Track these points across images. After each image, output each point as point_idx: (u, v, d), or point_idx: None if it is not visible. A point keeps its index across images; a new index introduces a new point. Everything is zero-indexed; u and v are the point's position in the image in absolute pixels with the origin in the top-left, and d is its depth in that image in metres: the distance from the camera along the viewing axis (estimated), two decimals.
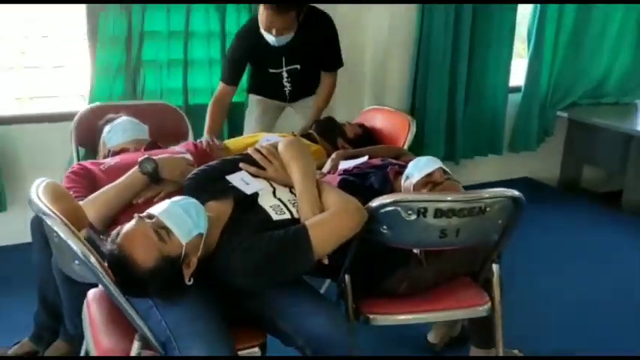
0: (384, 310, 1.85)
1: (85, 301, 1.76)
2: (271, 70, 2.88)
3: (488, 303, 1.91)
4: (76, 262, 1.41)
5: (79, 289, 1.89)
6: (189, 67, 3.24)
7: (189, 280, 1.51)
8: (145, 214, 1.51)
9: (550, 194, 4.41)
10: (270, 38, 2.64)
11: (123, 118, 2.31)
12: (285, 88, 2.95)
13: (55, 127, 3.17)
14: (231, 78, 2.87)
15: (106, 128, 2.29)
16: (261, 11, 2.58)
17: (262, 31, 2.64)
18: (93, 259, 1.36)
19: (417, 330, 2.42)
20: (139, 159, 1.88)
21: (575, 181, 4.61)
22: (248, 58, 2.87)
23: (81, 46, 3.23)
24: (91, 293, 1.78)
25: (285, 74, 2.88)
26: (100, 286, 1.80)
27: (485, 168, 4.28)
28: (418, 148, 3.49)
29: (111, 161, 2.04)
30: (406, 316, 1.87)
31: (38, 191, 1.53)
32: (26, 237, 3.01)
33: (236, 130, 3.30)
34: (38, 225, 2.16)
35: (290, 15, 2.58)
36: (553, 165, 4.64)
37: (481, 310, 1.90)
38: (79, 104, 3.29)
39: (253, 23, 2.73)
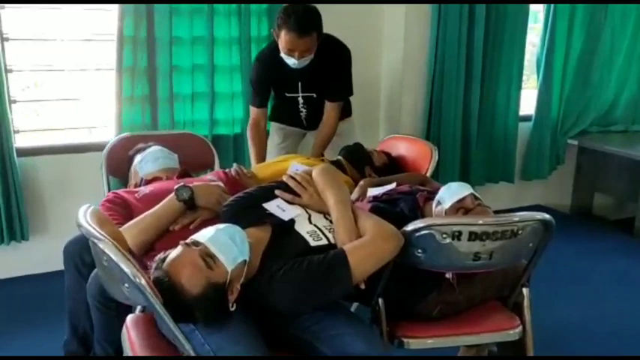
0: (417, 333, 1.87)
1: (124, 327, 1.77)
2: (288, 95, 2.93)
3: (520, 327, 1.93)
4: (126, 284, 1.44)
5: (112, 316, 1.93)
6: (209, 99, 3.34)
7: (233, 306, 1.54)
8: (190, 240, 1.54)
9: (562, 221, 4.32)
10: (290, 61, 2.67)
11: (154, 148, 2.37)
12: (302, 114, 3.01)
13: (75, 158, 3.25)
14: (259, 100, 2.94)
15: (138, 157, 2.34)
16: (283, 35, 2.60)
17: (282, 55, 2.67)
18: (144, 281, 1.39)
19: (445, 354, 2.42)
20: (175, 187, 1.92)
21: (587, 209, 4.65)
22: (267, 80, 2.91)
23: (96, 78, 3.34)
24: (130, 319, 1.79)
25: (301, 100, 2.93)
26: (136, 311, 1.85)
27: (498, 195, 4.32)
28: (433, 175, 3.54)
29: (145, 189, 2.09)
30: (440, 339, 1.89)
31: (86, 216, 1.56)
32: (47, 267, 3.09)
33: (240, 160, 3.34)
34: (72, 252, 2.20)
35: (312, 37, 2.61)
36: (564, 192, 4.69)
37: (512, 334, 1.93)
38: (98, 136, 3.37)
39: (271, 47, 2.82)
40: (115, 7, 3.04)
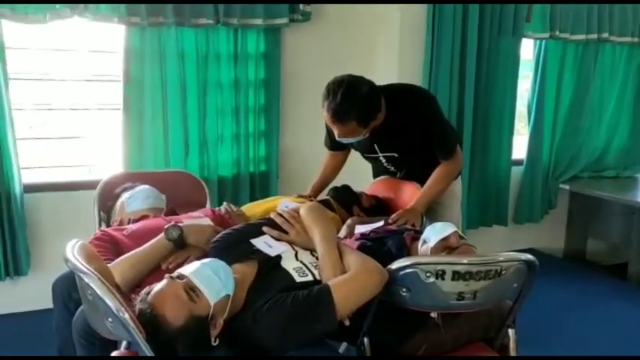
0: None
1: None
2: (367, 155, 2.71)
3: None
4: (109, 319, 1.45)
5: (97, 352, 1.93)
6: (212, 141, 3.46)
7: (215, 341, 1.55)
8: (175, 274, 1.56)
9: (555, 266, 4.42)
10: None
11: (144, 186, 2.40)
12: (393, 172, 2.77)
13: (71, 196, 3.28)
14: (329, 143, 2.76)
15: (126, 194, 2.37)
16: (324, 109, 2.31)
17: None
18: (127, 316, 1.40)
19: None
20: (166, 226, 1.94)
21: (580, 253, 4.66)
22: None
23: (97, 118, 3.45)
24: (115, 355, 1.79)
25: (383, 159, 2.67)
26: (121, 347, 1.84)
27: (491, 239, 4.32)
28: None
29: (133, 227, 2.11)
30: None
31: (74, 251, 1.58)
32: (46, 303, 3.08)
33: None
34: (60, 288, 2.21)
35: (350, 125, 2.31)
36: (557, 237, 4.70)
37: None
38: (97, 174, 3.41)
39: None
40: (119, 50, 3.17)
